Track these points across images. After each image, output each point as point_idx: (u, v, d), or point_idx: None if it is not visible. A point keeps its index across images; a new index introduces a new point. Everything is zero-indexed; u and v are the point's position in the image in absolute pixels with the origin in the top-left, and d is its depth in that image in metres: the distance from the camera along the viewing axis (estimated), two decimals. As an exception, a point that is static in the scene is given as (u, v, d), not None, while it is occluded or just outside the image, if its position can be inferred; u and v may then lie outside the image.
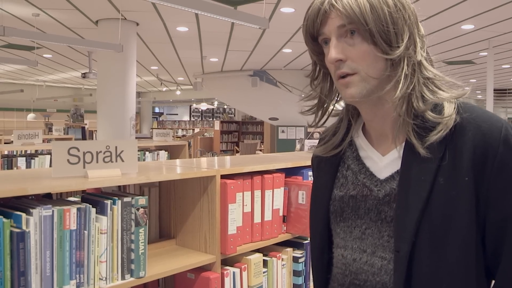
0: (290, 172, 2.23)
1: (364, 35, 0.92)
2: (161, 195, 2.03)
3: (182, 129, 22.53)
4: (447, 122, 0.92)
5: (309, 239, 1.21)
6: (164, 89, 19.61)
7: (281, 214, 2.13)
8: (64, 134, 8.56)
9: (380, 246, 0.99)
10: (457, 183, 0.91)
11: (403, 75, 0.93)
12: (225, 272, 1.86)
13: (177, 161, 2.42)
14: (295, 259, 2.19)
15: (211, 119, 23.64)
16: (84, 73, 9.24)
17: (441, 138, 0.92)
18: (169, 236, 2.01)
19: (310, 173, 2.24)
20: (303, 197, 2.13)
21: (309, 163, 2.29)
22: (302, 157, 2.46)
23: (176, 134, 22.18)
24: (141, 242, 1.58)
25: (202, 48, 9.98)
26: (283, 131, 12.18)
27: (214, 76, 13.81)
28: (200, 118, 25.01)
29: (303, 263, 2.20)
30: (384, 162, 1.02)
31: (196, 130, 20.44)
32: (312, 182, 1.21)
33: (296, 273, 2.19)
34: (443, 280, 0.91)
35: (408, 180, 0.95)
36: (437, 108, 0.95)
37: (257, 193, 2.02)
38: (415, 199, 0.93)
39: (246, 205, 1.98)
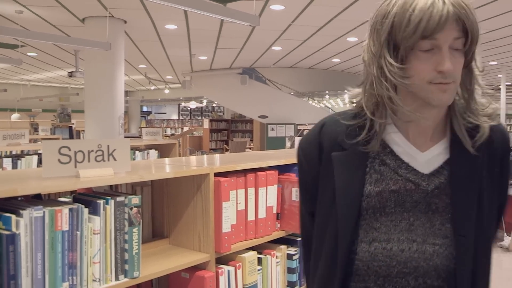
0: (282, 169, 2.21)
1: (464, 50, 1.02)
2: (154, 194, 2.00)
3: (171, 128, 22.41)
4: (488, 126, 1.08)
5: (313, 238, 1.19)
6: (153, 87, 19.49)
7: (274, 211, 2.11)
8: (51, 134, 8.46)
9: (432, 234, 1.08)
10: (492, 174, 1.09)
11: (474, 83, 1.07)
12: (219, 270, 1.84)
13: (169, 159, 2.39)
14: (289, 256, 2.17)
15: (200, 118, 23.55)
16: (70, 72, 9.15)
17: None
18: (162, 236, 1.98)
19: (304, 170, 2.22)
20: (296, 194, 2.11)
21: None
22: (294, 154, 2.44)
23: (164, 133, 22.06)
24: (135, 242, 1.55)
25: (191, 46, 9.93)
26: (272, 129, 12.16)
27: (203, 74, 13.76)
28: (189, 116, 24.91)
29: (297, 260, 2.18)
30: (425, 158, 1.09)
31: (185, 129, 20.35)
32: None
33: (290, 270, 2.17)
34: (483, 253, 1.09)
35: (460, 174, 1.07)
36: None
37: (251, 190, 2.00)
38: (471, 190, 1.06)
39: (239, 203, 1.96)
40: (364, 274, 1.09)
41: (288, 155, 2.39)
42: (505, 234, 6.32)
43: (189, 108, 24.52)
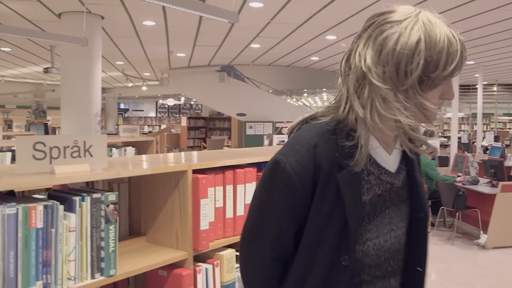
0: (261, 166, 2.21)
1: None
2: (131, 191, 1.97)
3: (148, 125, 22.24)
4: None
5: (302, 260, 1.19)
6: (130, 84, 19.31)
7: (253, 209, 2.10)
8: (25, 130, 8.30)
9: (400, 219, 1.26)
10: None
11: None
12: (197, 268, 1.82)
13: (146, 156, 2.36)
14: (268, 254, 2.16)
15: (177, 115, 23.41)
16: (46, 68, 9.02)
17: None
18: (139, 233, 1.96)
19: (282, 167, 2.22)
20: (275, 192, 2.10)
21: (281, 157, 2.27)
22: (273, 151, 2.43)
23: (142, 130, 21.88)
24: (112, 240, 1.52)
25: (169, 43, 9.86)
26: (250, 127, 12.17)
27: (181, 71, 13.69)
28: (166, 114, 24.74)
29: (276, 258, 2.18)
30: (392, 159, 1.24)
31: (163, 126, 20.20)
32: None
33: (269, 268, 2.17)
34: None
35: (413, 166, 1.29)
36: None
37: (229, 188, 1.99)
38: (420, 177, 1.30)
39: (218, 200, 1.94)
40: (358, 270, 1.20)
41: (267, 152, 2.38)
42: (481, 232, 6.42)
43: (166, 106, 24.34)
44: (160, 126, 21.09)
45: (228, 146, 15.07)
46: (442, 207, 6.75)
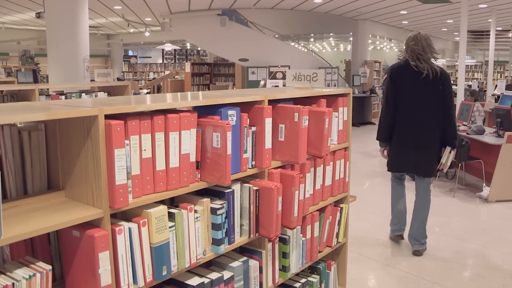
0: (207, 111, 1.93)
1: None
2: (49, 140, 1.72)
3: (154, 72, 21.85)
4: None
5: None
6: (132, 30, 18.81)
7: (192, 159, 1.84)
8: (7, 77, 8.00)
9: None
10: None
11: None
12: (117, 228, 1.58)
13: (66, 101, 2.09)
14: (213, 211, 1.91)
15: (184, 62, 22.95)
16: (38, 13, 8.66)
17: None
18: (58, 187, 1.71)
19: (231, 112, 1.94)
20: (218, 140, 1.83)
21: (228, 101, 1.98)
22: (223, 95, 2.13)
23: (147, 77, 21.53)
24: (-8, 198, 1.28)
25: (164, -16, 9.39)
26: (253, 72, 11.76)
27: (182, 15, 13.18)
28: (173, 60, 24.25)
29: (223, 214, 1.93)
30: None
31: (167, 72, 19.82)
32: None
33: (214, 227, 1.92)
34: None
35: None
36: None
37: (159, 135, 1.71)
38: None
39: (145, 150, 1.68)
40: None
41: (213, 96, 2.09)
42: (484, 184, 6.12)
43: (173, 52, 23.83)
44: (164, 72, 20.71)
45: (232, 94, 14.75)
46: (443, 156, 6.43)
